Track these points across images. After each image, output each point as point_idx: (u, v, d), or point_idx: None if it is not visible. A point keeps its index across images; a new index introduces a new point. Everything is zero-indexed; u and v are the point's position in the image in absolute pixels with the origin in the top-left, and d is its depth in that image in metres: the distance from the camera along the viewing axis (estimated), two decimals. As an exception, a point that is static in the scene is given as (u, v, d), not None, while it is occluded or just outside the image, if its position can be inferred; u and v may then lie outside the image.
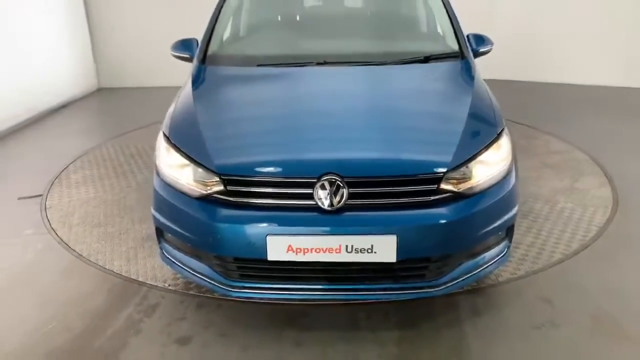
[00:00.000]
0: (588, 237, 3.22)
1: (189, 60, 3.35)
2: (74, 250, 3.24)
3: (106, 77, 7.81)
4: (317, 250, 2.13)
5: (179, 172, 2.37)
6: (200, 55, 3.07)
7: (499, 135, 2.40)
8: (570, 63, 7.21)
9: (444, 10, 3.26)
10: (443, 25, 3.25)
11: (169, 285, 2.85)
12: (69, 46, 7.03)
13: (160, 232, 2.54)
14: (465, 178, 2.23)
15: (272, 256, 2.16)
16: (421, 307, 2.59)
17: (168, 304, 2.69)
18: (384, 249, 2.12)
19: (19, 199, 4.03)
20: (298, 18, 3.61)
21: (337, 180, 2.12)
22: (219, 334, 2.46)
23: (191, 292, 2.78)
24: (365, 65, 2.91)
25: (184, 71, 7.33)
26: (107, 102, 7.16)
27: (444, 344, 2.36)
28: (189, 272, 2.45)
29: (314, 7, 3.72)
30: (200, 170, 2.29)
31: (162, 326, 2.52)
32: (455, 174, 2.21)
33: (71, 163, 4.74)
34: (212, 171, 2.24)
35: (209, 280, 2.37)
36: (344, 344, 2.36)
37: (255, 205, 2.20)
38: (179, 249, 2.48)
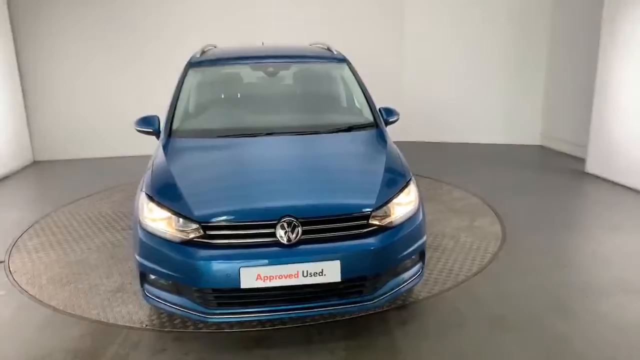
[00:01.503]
0: (484, 262, 4.07)
1: (152, 134, 3.95)
2: (50, 305, 3.59)
3: (41, 150, 8.07)
4: (280, 277, 2.76)
5: (162, 223, 2.92)
6: (167, 130, 3.69)
7: (407, 183, 3.20)
8: (461, 126, 8.54)
9: (360, 90, 4.12)
10: (360, 101, 4.10)
11: (146, 325, 3.30)
12: (4, 121, 7.27)
13: (143, 275, 3.03)
14: (386, 215, 2.97)
15: (244, 284, 2.75)
16: (360, 322, 3.25)
17: (149, 340, 3.15)
18: (331, 271, 2.78)
19: (-20, 266, 4.28)
20: (240, 97, 4.34)
21: (293, 221, 2.79)
22: (198, 358, 2.95)
23: (167, 328, 3.26)
24: (302, 135, 3.67)
25: (116, 143, 7.84)
26: (45, 175, 7.40)
27: (380, 346, 3.02)
28: (171, 306, 2.96)
29: (252, 87, 4.47)
30: (181, 220, 2.86)
31: (148, 356, 2.97)
32: (379, 213, 2.94)
33: (25, 232, 5.03)
34: (193, 220, 2.82)
35: (189, 311, 2.90)
36: (303, 355, 2.95)
37: (229, 244, 2.81)
38: (161, 288, 2.99)
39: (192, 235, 2.83)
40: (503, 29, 8.14)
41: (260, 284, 2.75)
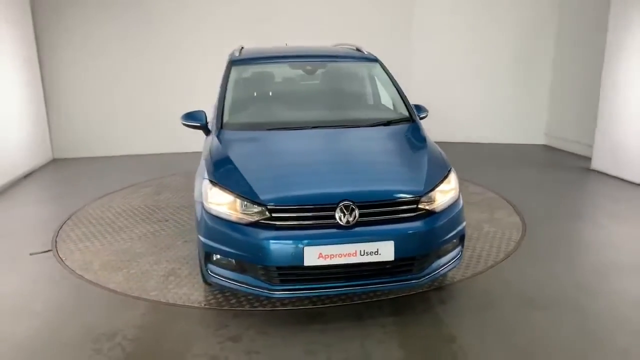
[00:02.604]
0: (509, 249, 4.36)
1: (199, 128, 4.20)
2: (108, 288, 3.82)
3: (60, 148, 8.26)
4: (340, 255, 3.02)
5: (227, 207, 3.17)
6: (219, 123, 3.93)
7: (448, 172, 3.48)
8: (467, 126, 8.86)
9: (393, 87, 4.39)
10: (394, 98, 4.36)
11: (205, 305, 3.54)
12: (26, 118, 7.45)
13: (208, 256, 3.27)
14: (431, 201, 3.25)
15: (307, 262, 3.00)
16: (404, 301, 3.52)
17: (210, 318, 3.39)
18: (385, 251, 3.05)
19: (31, 254, 4.49)
20: (282, 93, 4.61)
21: (351, 204, 3.05)
22: (260, 332, 3.20)
23: (225, 307, 3.50)
24: (345, 127, 3.94)
25: (135, 141, 7.97)
26: (66, 171, 7.57)
27: (426, 321, 3.29)
28: (234, 284, 3.21)
29: (292, 84, 4.74)
30: (246, 203, 3.11)
31: (213, 331, 3.21)
32: (426, 198, 3.22)
33: (64, 223, 5.24)
34: (259, 203, 3.08)
35: (253, 288, 3.15)
36: (356, 329, 3.21)
37: (292, 226, 3.06)
38: (224, 267, 3.23)
39: (257, 218, 3.08)
40: (510, 31, 8.48)
41: (321, 262, 3.01)
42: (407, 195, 3.18)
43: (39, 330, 3.26)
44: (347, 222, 3.04)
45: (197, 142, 8.24)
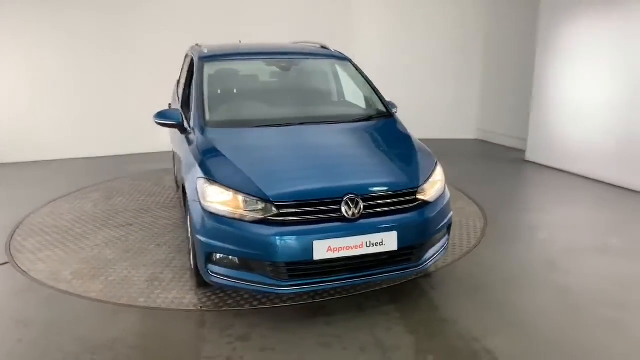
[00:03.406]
0: (478, 235, 4.63)
1: (174, 126, 4.08)
2: (89, 297, 3.60)
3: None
4: (347, 248, 3.07)
5: (229, 205, 3.11)
6: (202, 121, 3.82)
7: (436, 164, 3.64)
8: (406, 123, 9.18)
9: (367, 84, 4.50)
10: (369, 94, 4.45)
11: (201, 307, 3.45)
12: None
13: (209, 256, 3.20)
14: (426, 192, 3.39)
15: (317, 256, 3.03)
16: (398, 289, 3.64)
17: (212, 319, 3.30)
18: (389, 241, 3.14)
19: (-14, 268, 4.12)
20: (259, 90, 4.55)
21: (355, 197, 3.12)
22: (268, 329, 3.17)
23: (223, 308, 3.43)
24: (330, 123, 3.99)
25: (65, 144, 7.55)
26: (-4, 179, 6.98)
27: (423, 306, 3.44)
28: (239, 282, 3.16)
29: (268, 81, 4.70)
30: (250, 200, 3.08)
31: (218, 332, 3.14)
32: (421, 190, 3.35)
33: (13, 233, 4.84)
34: (265, 200, 3.05)
35: (260, 285, 3.12)
36: (361, 319, 3.28)
37: (299, 221, 3.07)
38: (227, 266, 3.17)
39: (262, 214, 3.05)
40: (439, 30, 8.92)
41: (330, 255, 3.05)
42: (406, 187, 3.29)
43: (28, 350, 3.00)
44: (353, 214, 3.10)
45: (136, 143, 8.04)
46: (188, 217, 3.63)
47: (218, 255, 3.19)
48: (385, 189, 3.24)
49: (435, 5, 8.90)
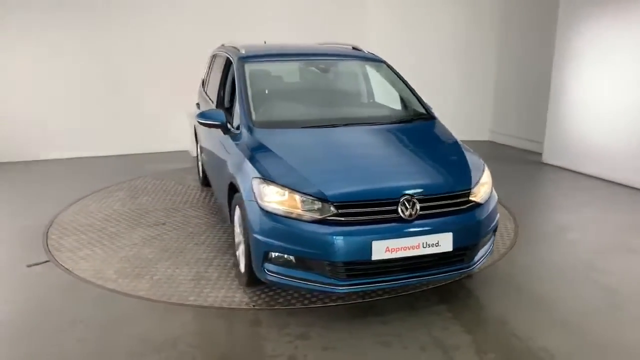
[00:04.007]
0: (512, 236, 4.70)
1: (218, 127, 4.09)
2: (138, 296, 3.61)
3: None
4: (404, 248, 3.12)
5: (287, 204, 3.14)
6: (250, 121, 3.84)
7: (484, 167, 3.70)
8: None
9: (405, 86, 4.54)
10: (407, 96, 4.50)
11: (254, 306, 3.47)
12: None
13: (266, 255, 3.22)
14: (477, 194, 3.44)
15: (375, 256, 3.07)
16: (444, 289, 3.69)
17: (266, 318, 3.33)
18: (445, 242, 3.19)
19: (29, 266, 4.12)
20: (302, 91, 4.57)
21: (412, 198, 3.16)
22: (324, 328, 3.21)
23: (275, 307, 3.46)
24: (376, 124, 4.03)
25: (69, 143, 7.49)
26: (16, 176, 6.93)
27: (472, 305, 3.49)
28: (296, 281, 3.19)
29: (309, 82, 4.71)
30: (308, 200, 3.11)
31: (277, 331, 3.17)
32: (474, 191, 3.41)
33: (47, 232, 4.84)
34: (324, 200, 3.09)
35: (317, 284, 3.15)
36: (415, 318, 3.32)
37: (357, 221, 3.10)
38: (283, 265, 3.20)
39: (321, 214, 3.08)
40: (454, 39, 8.99)
41: (388, 256, 3.09)
42: (461, 189, 3.34)
43: (91, 350, 3.01)
44: (410, 215, 3.15)
45: (152, 143, 8.04)
46: (237, 216, 3.66)
47: (274, 254, 3.22)
48: (440, 190, 3.29)
49: (446, 5, 8.95)
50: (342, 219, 3.09)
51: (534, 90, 8.14)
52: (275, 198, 3.20)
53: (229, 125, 4.08)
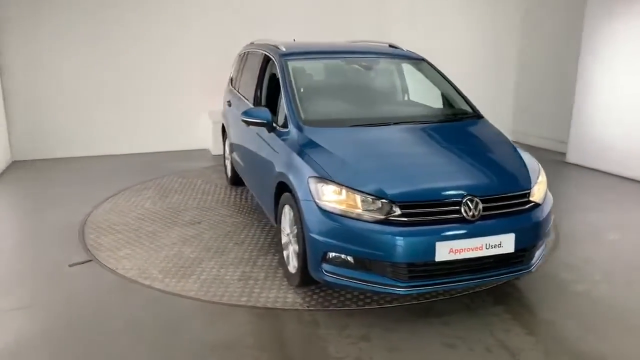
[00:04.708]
0: (553, 238, 4.64)
1: (262, 125, 4.04)
2: (190, 297, 3.55)
3: (18, 150, 7.49)
4: (468, 250, 3.07)
5: (347, 204, 3.09)
6: (299, 119, 3.79)
7: (539, 166, 3.65)
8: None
9: (448, 84, 4.49)
10: (451, 94, 4.45)
11: (308, 307, 3.42)
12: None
13: (324, 255, 3.17)
14: (535, 194, 3.39)
15: (439, 257, 3.02)
16: (497, 291, 3.64)
17: (323, 319, 3.28)
18: (507, 243, 3.14)
19: (71, 265, 4.06)
20: (347, 88, 4.49)
21: (475, 198, 3.12)
22: (385, 330, 3.16)
23: (330, 307, 3.41)
24: (425, 123, 3.98)
25: (91, 141, 7.38)
26: (38, 175, 6.85)
27: (527, 305, 3.45)
28: (355, 282, 3.14)
29: (353, 80, 4.64)
30: (369, 199, 3.06)
31: (337, 332, 3.12)
32: (533, 192, 3.36)
33: (83, 230, 4.78)
34: (386, 199, 3.04)
35: (378, 285, 3.10)
36: (475, 320, 3.28)
37: (422, 221, 3.06)
38: (342, 266, 3.15)
39: (381, 213, 3.03)
40: (476, 37, 8.95)
41: (451, 257, 3.04)
42: (522, 189, 3.30)
43: (151, 352, 2.95)
44: (473, 216, 3.10)
45: (171, 141, 7.97)
46: (286, 216, 3.61)
47: (332, 254, 3.17)
48: (503, 190, 3.25)
49: (469, 3, 8.91)
50: (405, 219, 3.04)
51: (556, 89, 8.10)
52: (333, 197, 3.15)
53: (274, 124, 4.03)
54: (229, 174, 6.21)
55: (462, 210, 3.09)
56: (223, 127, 6.38)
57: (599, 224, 5.03)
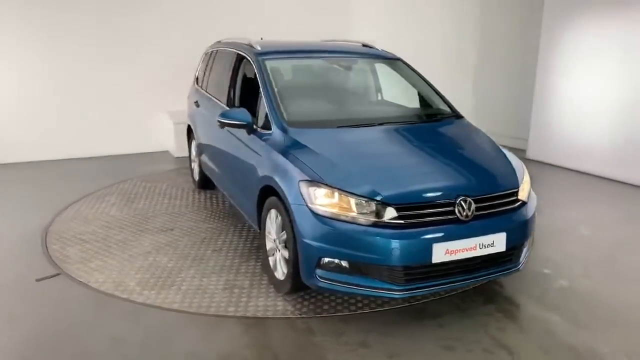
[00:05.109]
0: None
1: (242, 127, 3.90)
2: (174, 309, 3.38)
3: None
4: (463, 250, 3.05)
5: (340, 208, 3.01)
6: (282, 121, 3.66)
7: (522, 164, 3.69)
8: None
9: (426, 84, 4.48)
10: (428, 94, 4.44)
11: (300, 314, 3.32)
12: None
13: (318, 261, 3.08)
14: (522, 192, 3.42)
15: (435, 259, 2.99)
16: (485, 290, 3.66)
17: (318, 326, 3.18)
18: (499, 242, 3.15)
19: (38, 280, 3.79)
20: (326, 89, 4.37)
21: (468, 198, 3.11)
22: (382, 334, 3.10)
23: (323, 314, 3.32)
24: (409, 124, 3.95)
25: (41, 145, 7.01)
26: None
27: (516, 303, 3.48)
28: (350, 287, 3.06)
29: (331, 80, 4.53)
30: (362, 202, 2.99)
31: (333, 339, 3.04)
32: (520, 190, 3.39)
33: (44, 242, 4.48)
34: (381, 202, 2.97)
35: (374, 290, 3.03)
36: (469, 320, 3.27)
37: (418, 223, 3.01)
38: (336, 271, 3.07)
39: (379, 217, 2.97)
40: (435, 33, 9.07)
41: (447, 258, 3.02)
42: (511, 187, 3.32)
43: (136, 366, 2.79)
44: (466, 216, 3.09)
45: (128, 144, 7.64)
46: (271, 221, 3.51)
47: (326, 260, 3.09)
48: (494, 189, 3.25)
49: (428, 2, 9.02)
50: (399, 221, 2.99)
51: (514, 86, 8.33)
52: (326, 201, 3.06)
53: (254, 125, 3.90)
54: (197, 177, 6.00)
55: (456, 211, 3.07)
56: (189, 128, 6.15)
57: (568, 219, 5.17)
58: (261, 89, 3.96)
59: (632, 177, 6.33)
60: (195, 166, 6.04)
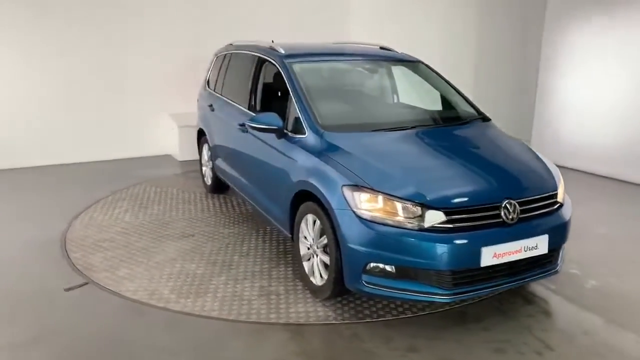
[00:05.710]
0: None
1: (273, 131, 3.86)
2: (214, 317, 3.32)
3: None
4: (509, 253, 3.07)
5: (385, 212, 3.00)
6: (317, 125, 3.62)
7: (555, 166, 3.73)
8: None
9: (450, 87, 4.50)
10: (453, 96, 4.45)
11: (342, 320, 3.29)
12: None
13: (364, 266, 3.06)
14: (559, 194, 3.45)
15: (483, 263, 3.00)
16: (521, 292, 3.68)
17: (363, 331, 3.16)
18: (542, 245, 3.17)
19: (66, 290, 3.69)
20: (357, 92, 4.37)
21: (513, 201, 3.12)
22: (430, 339, 3.09)
23: (366, 319, 3.30)
24: (442, 126, 3.96)
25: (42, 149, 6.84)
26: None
27: (552, 303, 3.52)
28: (396, 292, 3.06)
29: (358, 83, 4.53)
30: (409, 206, 2.98)
31: (381, 344, 3.02)
32: (558, 192, 3.42)
33: (65, 250, 4.37)
34: (428, 206, 2.97)
35: (422, 294, 3.03)
36: (513, 322, 3.29)
37: (466, 227, 3.02)
38: (382, 276, 3.06)
39: (427, 221, 2.96)
40: (433, 32, 9.10)
41: (495, 261, 3.03)
42: (552, 190, 3.35)
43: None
44: (512, 219, 3.10)
45: (132, 148, 7.51)
46: (306, 226, 3.48)
47: (372, 265, 3.07)
48: (537, 192, 3.27)
49: (429, 3, 9.05)
50: (446, 225, 2.99)
51: (519, 87, 8.43)
52: (370, 205, 3.04)
53: (285, 130, 3.86)
54: (209, 181, 5.92)
55: (502, 214, 3.08)
56: (200, 132, 6.07)
57: (581, 219, 5.22)
58: (291, 92, 3.92)
59: (638, 177, 6.45)
60: (207, 170, 5.96)
